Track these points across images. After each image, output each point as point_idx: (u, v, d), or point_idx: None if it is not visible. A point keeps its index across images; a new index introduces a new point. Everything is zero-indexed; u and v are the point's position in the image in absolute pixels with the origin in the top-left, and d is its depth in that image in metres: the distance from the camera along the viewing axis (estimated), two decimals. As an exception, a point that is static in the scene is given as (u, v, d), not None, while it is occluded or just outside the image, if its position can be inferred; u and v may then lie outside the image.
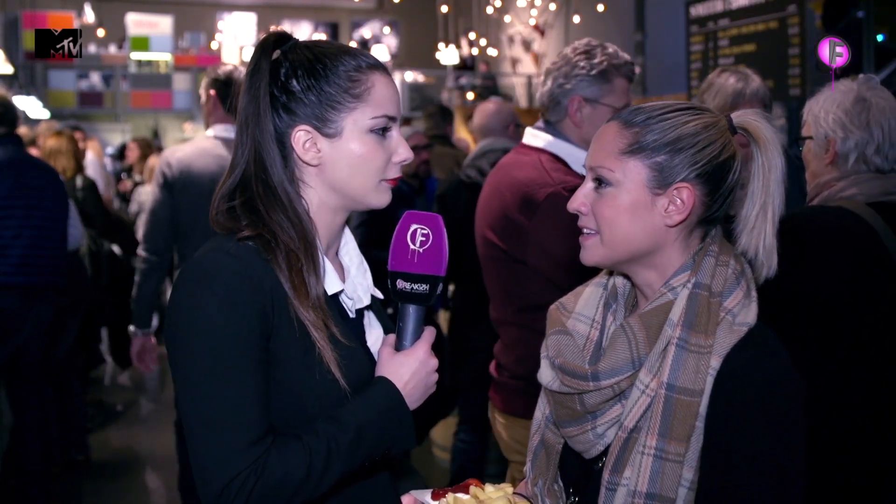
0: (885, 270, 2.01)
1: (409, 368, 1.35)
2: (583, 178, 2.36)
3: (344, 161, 1.37)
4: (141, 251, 3.45)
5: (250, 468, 1.21)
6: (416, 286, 1.33)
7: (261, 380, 1.27)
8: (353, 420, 1.28)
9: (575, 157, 2.36)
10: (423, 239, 1.33)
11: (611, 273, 1.46)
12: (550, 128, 2.41)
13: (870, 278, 2.01)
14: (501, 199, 2.37)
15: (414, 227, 1.34)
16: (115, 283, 5.60)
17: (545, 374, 1.39)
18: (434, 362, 1.37)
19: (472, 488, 1.38)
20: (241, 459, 1.21)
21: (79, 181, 5.34)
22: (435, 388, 1.40)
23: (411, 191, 4.27)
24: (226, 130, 3.47)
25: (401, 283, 1.34)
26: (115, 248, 5.71)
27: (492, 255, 2.43)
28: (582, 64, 2.32)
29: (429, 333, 1.38)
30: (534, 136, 2.43)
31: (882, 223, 2.01)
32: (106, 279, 5.52)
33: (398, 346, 1.38)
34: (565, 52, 2.38)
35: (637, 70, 2.40)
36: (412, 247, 1.33)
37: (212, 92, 3.51)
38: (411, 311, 1.36)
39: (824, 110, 2.10)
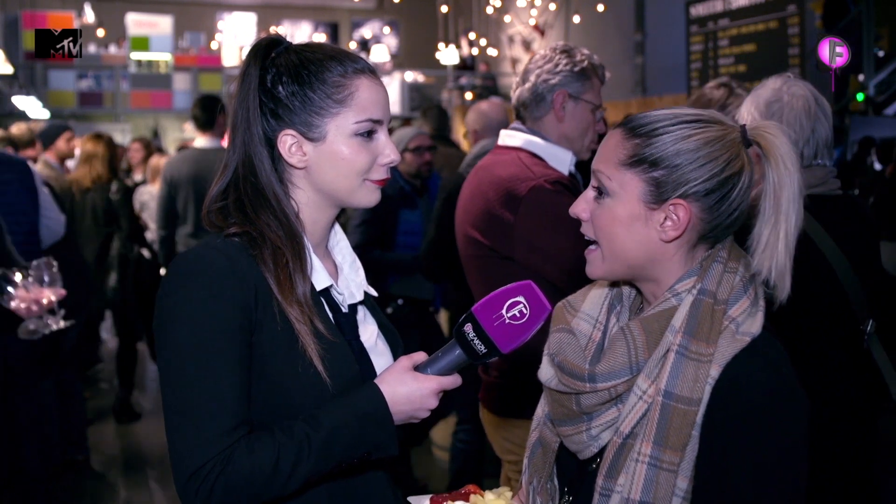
0: (814, 259, 2.09)
1: (408, 389, 1.34)
2: (561, 172, 2.40)
3: (328, 164, 1.41)
4: (158, 229, 4.82)
5: (217, 458, 1.24)
6: (477, 342, 1.32)
7: (239, 372, 1.29)
8: (329, 421, 1.29)
9: (552, 153, 2.39)
10: (518, 315, 1.31)
11: None
12: (527, 127, 2.44)
13: (800, 267, 2.10)
14: (484, 197, 2.38)
15: (521, 299, 1.31)
16: (139, 286, 5.62)
17: (545, 371, 1.39)
18: (432, 403, 1.37)
19: (472, 496, 1.37)
20: (211, 448, 1.24)
21: (113, 186, 5.32)
22: (416, 421, 1.39)
23: (413, 191, 4.25)
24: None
25: (468, 329, 1.32)
26: (145, 252, 5.72)
27: (476, 254, 2.44)
28: (565, 61, 2.37)
29: (450, 380, 1.37)
30: (510, 137, 2.46)
31: (807, 214, 2.09)
32: (131, 282, 5.55)
33: (420, 367, 1.37)
34: (544, 53, 2.43)
35: (607, 72, 2.49)
36: (503, 312, 1.31)
37: None
38: (456, 354, 1.35)
39: (746, 109, 2.16)
